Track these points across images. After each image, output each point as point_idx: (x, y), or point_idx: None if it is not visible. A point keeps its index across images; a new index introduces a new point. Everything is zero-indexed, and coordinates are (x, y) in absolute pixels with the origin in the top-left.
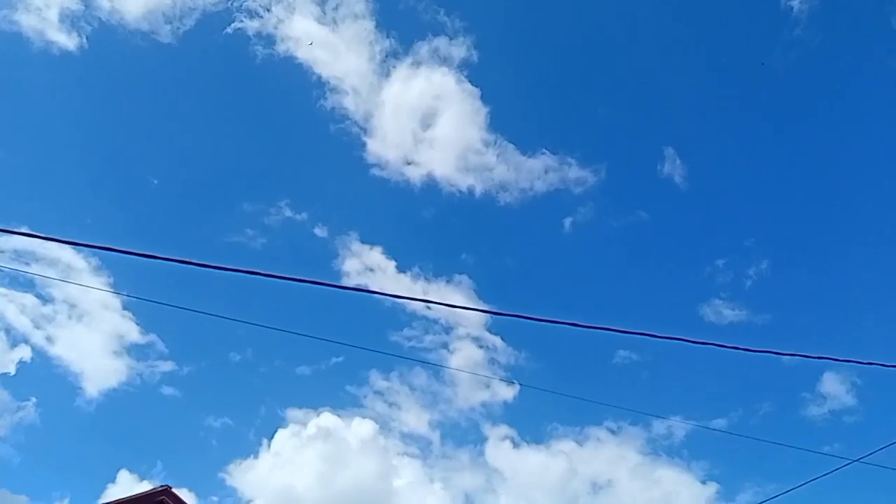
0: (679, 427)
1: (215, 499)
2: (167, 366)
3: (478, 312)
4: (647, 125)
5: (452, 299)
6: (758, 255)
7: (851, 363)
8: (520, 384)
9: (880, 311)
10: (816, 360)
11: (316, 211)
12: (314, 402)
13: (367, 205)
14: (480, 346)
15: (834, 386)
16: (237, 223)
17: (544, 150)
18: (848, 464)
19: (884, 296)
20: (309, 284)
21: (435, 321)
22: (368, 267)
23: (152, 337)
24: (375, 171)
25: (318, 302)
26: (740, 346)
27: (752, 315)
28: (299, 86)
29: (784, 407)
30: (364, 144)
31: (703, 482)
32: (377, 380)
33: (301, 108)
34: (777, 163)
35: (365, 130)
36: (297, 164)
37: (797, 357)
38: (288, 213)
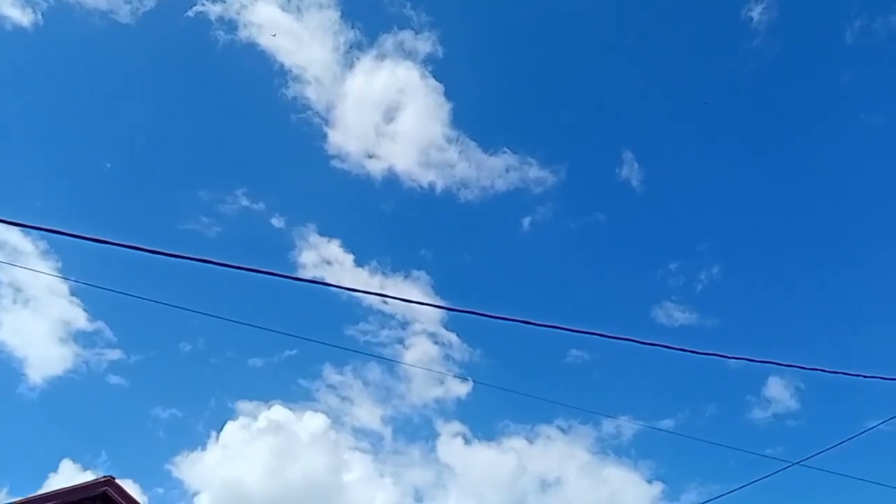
0: (627, 427)
1: (161, 491)
2: (115, 354)
3: (434, 308)
4: (606, 128)
5: (410, 295)
6: (710, 260)
7: (795, 368)
8: (473, 381)
9: (824, 318)
10: (761, 364)
11: (274, 201)
12: (265, 395)
13: (327, 197)
14: (436, 343)
15: (778, 390)
16: (192, 210)
17: (506, 149)
18: (788, 466)
19: (827, 304)
20: (263, 275)
21: (391, 316)
22: (326, 259)
23: (100, 324)
24: (336, 163)
25: (272, 293)
26: (688, 349)
27: (702, 318)
28: (261, 73)
29: (730, 409)
30: (325, 135)
31: (650, 481)
32: (331, 374)
33: (262, 95)
34: (732, 171)
35: (326, 121)
36: (256, 152)
37: (743, 361)
38: (245, 202)
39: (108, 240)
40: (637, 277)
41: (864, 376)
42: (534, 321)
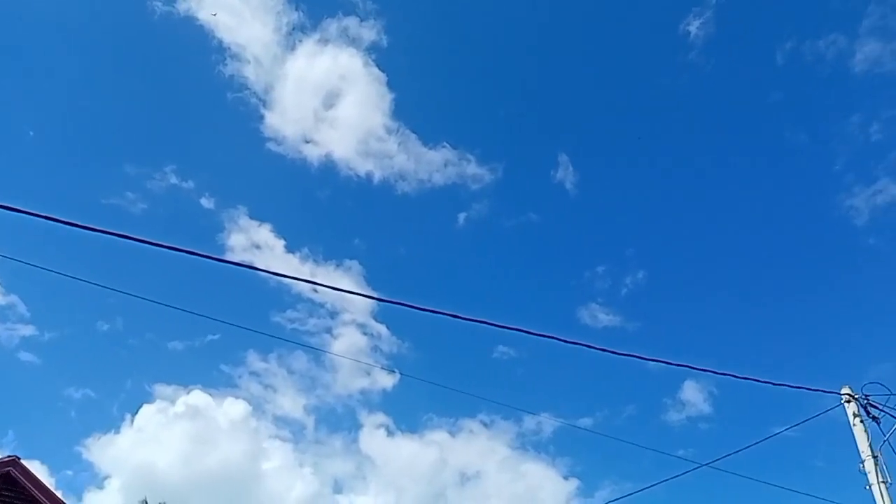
0: (548, 423)
1: (70, 473)
2: (27, 330)
3: (365, 298)
4: (544, 130)
5: (341, 284)
6: (635, 265)
7: (708, 372)
8: (400, 373)
9: (739, 326)
10: (678, 367)
11: (204, 180)
12: (185, 379)
13: (260, 180)
14: (365, 334)
15: (693, 394)
16: (117, 185)
17: (445, 144)
18: (698, 467)
19: (743, 313)
20: (188, 256)
21: (321, 305)
22: (255, 244)
23: (13, 298)
24: (272, 146)
25: (198, 276)
26: (609, 349)
27: (625, 321)
28: (198, 48)
29: (646, 410)
30: (262, 117)
31: (566, 478)
32: (254, 360)
33: (198, 71)
34: (662, 180)
35: (264, 102)
36: (188, 129)
37: (661, 363)
38: (174, 179)
39: (26, 210)
40: (565, 278)
41: (773, 383)
42: (462, 315)
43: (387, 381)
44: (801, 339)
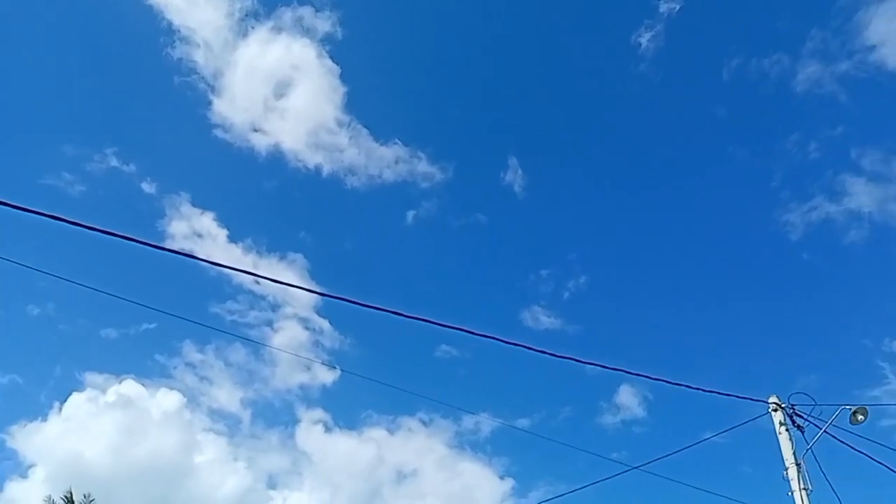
0: (486, 423)
1: None
2: None
3: (308, 293)
4: (495, 132)
5: (284, 277)
6: (578, 269)
7: (643, 377)
8: (341, 370)
9: (676, 334)
10: (614, 371)
11: (146, 165)
12: (117, 368)
13: (205, 167)
14: (307, 328)
15: (628, 398)
16: (54, 165)
17: (397, 140)
18: (628, 470)
19: (680, 321)
20: (128, 242)
21: (262, 297)
22: (197, 232)
23: None
24: (218, 133)
25: (136, 262)
26: (547, 351)
27: (565, 324)
28: (146, 29)
29: (583, 413)
30: (210, 103)
31: (502, 477)
32: (191, 351)
33: (145, 52)
34: (608, 187)
35: (213, 88)
36: (132, 111)
37: (598, 367)
38: (114, 162)
39: None
40: (510, 280)
41: (704, 390)
42: (406, 313)
43: (327, 376)
44: (733, 349)
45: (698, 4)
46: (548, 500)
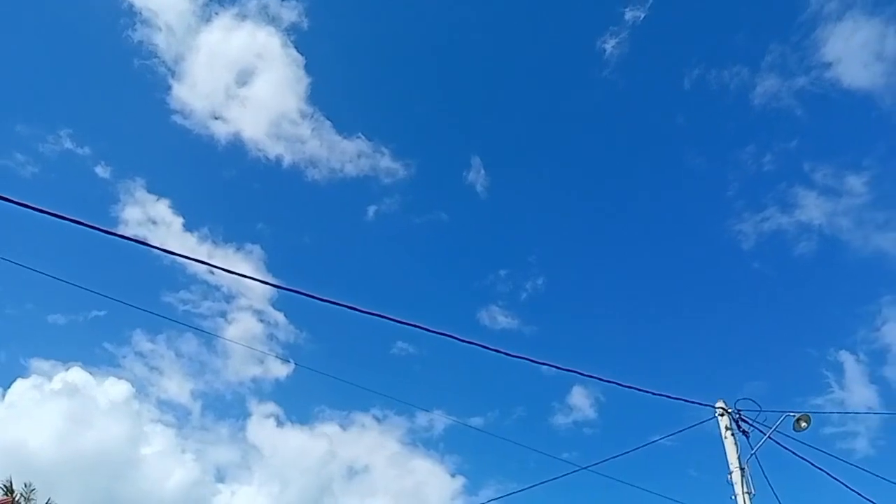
0: (440, 421)
1: None
2: None
3: (264, 285)
4: (460, 132)
5: (240, 268)
6: (536, 271)
7: (595, 379)
8: (295, 363)
9: (628, 337)
10: (567, 372)
11: (101, 148)
12: (64, 355)
13: (162, 152)
14: (261, 321)
15: (581, 399)
16: (6, 145)
17: (360, 135)
18: (577, 470)
19: (634, 325)
20: (80, 227)
21: (216, 287)
22: (151, 219)
23: None
24: (177, 119)
25: (88, 248)
26: (502, 350)
27: (522, 325)
28: (106, 9)
29: (536, 413)
30: (169, 88)
31: (453, 475)
32: (141, 340)
33: (104, 34)
34: (568, 192)
35: (173, 73)
36: (89, 93)
37: (552, 368)
38: (68, 144)
39: None
40: (469, 279)
41: (654, 393)
42: (362, 308)
43: (280, 370)
44: (683, 353)
45: (663, 14)
46: (497, 498)
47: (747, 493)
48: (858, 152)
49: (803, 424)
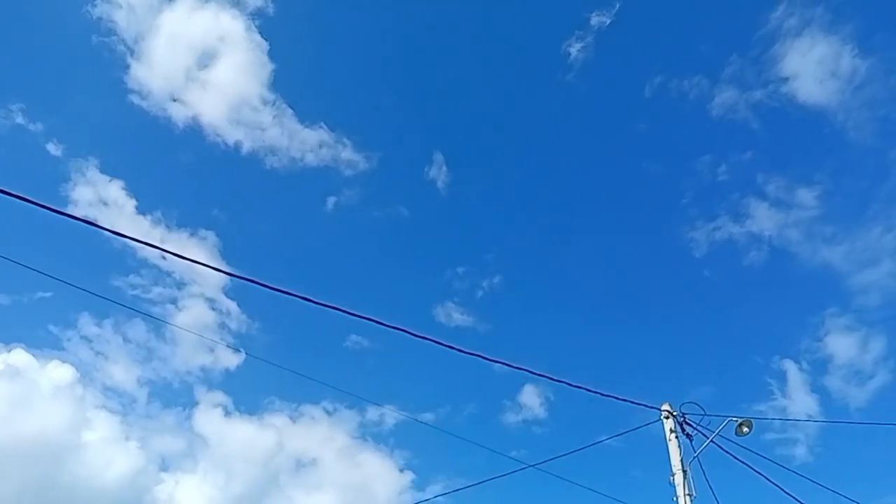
0: (391, 415)
1: None
2: None
3: (216, 272)
4: (424, 126)
5: (193, 254)
6: (493, 269)
7: (546, 378)
8: (246, 353)
9: (580, 338)
10: (518, 370)
11: (54, 125)
12: (6, 336)
13: (117, 133)
14: (213, 309)
15: (531, 398)
16: None
17: (323, 125)
18: (524, 468)
19: (584, 326)
20: (28, 205)
21: (168, 273)
22: (103, 200)
23: None
24: (134, 99)
25: (36, 227)
26: (455, 346)
27: (477, 322)
28: None
29: (487, 410)
30: (128, 67)
31: (402, 470)
32: (87, 324)
33: (62, 8)
34: (528, 192)
35: (132, 52)
36: (43, 68)
37: (505, 366)
38: (19, 119)
39: None
40: (426, 275)
41: (602, 394)
42: (317, 300)
43: (231, 360)
44: (633, 356)
45: (628, 21)
46: (445, 494)
47: (688, 494)
48: (810, 167)
49: (745, 430)
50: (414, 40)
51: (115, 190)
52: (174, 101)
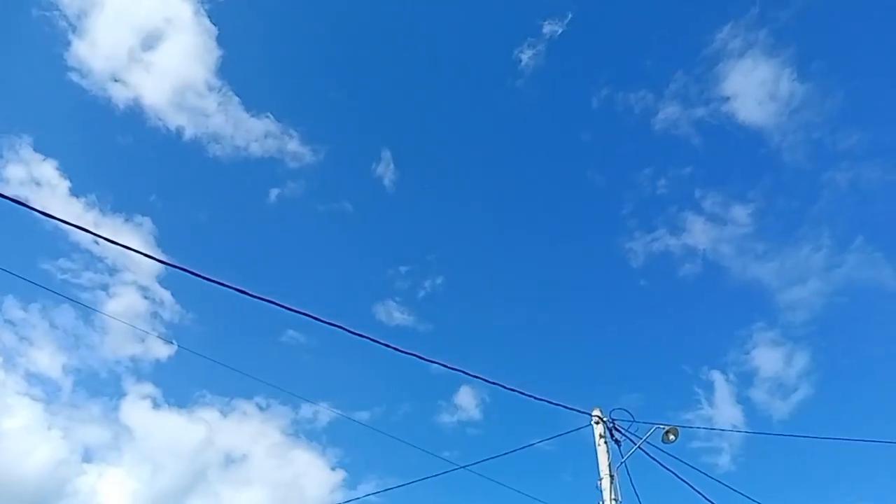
0: (325, 413)
1: None
2: None
3: (151, 260)
4: (373, 122)
5: (127, 240)
6: (436, 270)
7: (480, 380)
8: (178, 345)
9: (518, 341)
10: (456, 372)
11: None
12: None
13: (54, 111)
14: (146, 297)
15: (467, 399)
16: None
17: (269, 115)
18: (455, 469)
19: (522, 330)
20: None
21: (101, 259)
22: (35, 180)
23: None
24: (74, 77)
25: None
26: (392, 345)
27: (417, 322)
28: None
29: (422, 410)
30: (69, 43)
31: (334, 468)
32: (12, 308)
33: None
34: (472, 195)
35: (74, 28)
36: None
37: (442, 367)
38: None
39: None
40: (368, 273)
41: (534, 397)
42: (253, 293)
43: (162, 350)
44: (568, 361)
45: (579, 31)
46: (375, 493)
47: (614, 499)
48: (746, 185)
49: (671, 437)
50: (367, 37)
51: (48, 170)
52: (115, 81)
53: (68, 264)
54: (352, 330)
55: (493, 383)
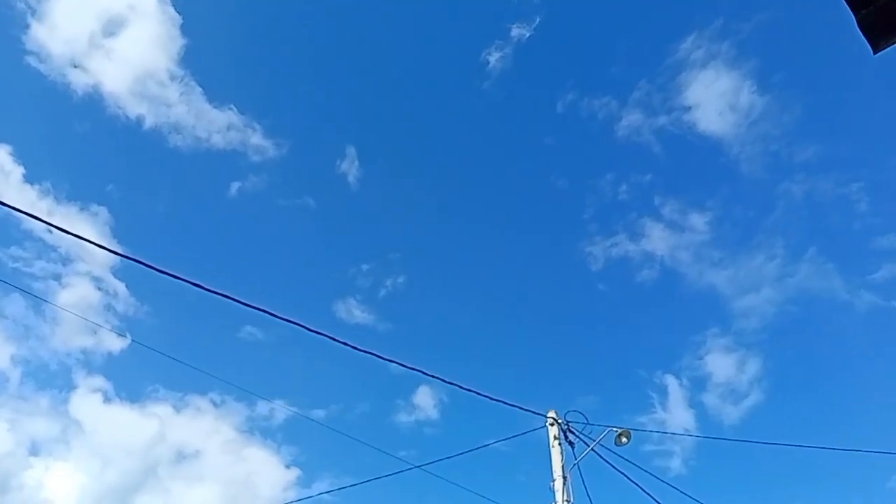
0: (281, 410)
1: None
2: None
3: (105, 251)
4: (338, 119)
5: (81, 229)
6: (398, 269)
7: (438, 380)
8: (131, 339)
9: (477, 342)
10: (415, 372)
11: None
12: None
13: (9, 95)
14: (99, 289)
15: (425, 399)
16: None
17: (232, 106)
18: (410, 468)
19: (482, 331)
20: None
21: (53, 248)
22: None
23: None
24: (31, 61)
25: None
26: (350, 343)
27: (377, 321)
28: None
29: (380, 409)
30: (27, 26)
31: (288, 466)
32: None
33: None
34: (436, 196)
35: (34, 11)
36: None
37: (400, 367)
38: None
39: None
40: (329, 270)
41: (491, 398)
42: (210, 287)
43: (114, 343)
44: (524, 362)
45: (547, 36)
46: (329, 492)
47: (566, 500)
48: (704, 193)
49: (624, 440)
50: (334, 33)
51: (2, 155)
52: (75, 67)
53: (20, 252)
54: (310, 327)
55: (451, 383)
